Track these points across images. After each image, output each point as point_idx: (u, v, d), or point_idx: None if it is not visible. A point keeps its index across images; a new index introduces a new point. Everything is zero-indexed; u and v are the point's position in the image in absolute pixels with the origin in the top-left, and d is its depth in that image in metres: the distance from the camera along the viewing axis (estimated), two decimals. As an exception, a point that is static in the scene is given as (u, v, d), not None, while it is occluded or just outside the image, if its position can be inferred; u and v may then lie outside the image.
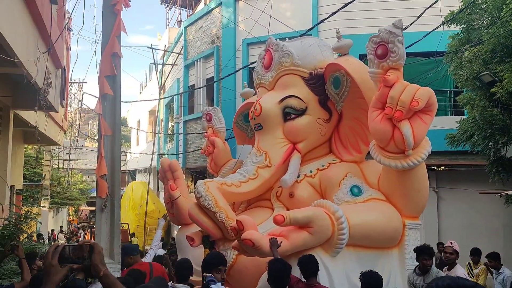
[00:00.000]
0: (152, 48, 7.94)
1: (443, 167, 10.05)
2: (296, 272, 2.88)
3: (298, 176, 3.93)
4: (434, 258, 3.80)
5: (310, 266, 2.83)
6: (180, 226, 5.02)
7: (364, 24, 9.98)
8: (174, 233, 17.56)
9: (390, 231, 3.37)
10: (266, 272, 2.81)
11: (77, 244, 1.44)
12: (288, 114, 4.03)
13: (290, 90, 4.02)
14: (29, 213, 8.02)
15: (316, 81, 4.00)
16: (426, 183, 3.43)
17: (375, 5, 9.93)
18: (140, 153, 20.23)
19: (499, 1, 7.42)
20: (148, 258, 4.88)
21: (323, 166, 3.95)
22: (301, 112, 4.01)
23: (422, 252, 3.42)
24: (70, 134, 18.35)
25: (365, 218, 3.25)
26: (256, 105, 4.18)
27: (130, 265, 3.79)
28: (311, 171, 3.95)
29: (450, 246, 4.22)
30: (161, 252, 7.39)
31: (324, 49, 4.17)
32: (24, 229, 9.02)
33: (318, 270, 2.86)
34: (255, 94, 4.99)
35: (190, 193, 5.02)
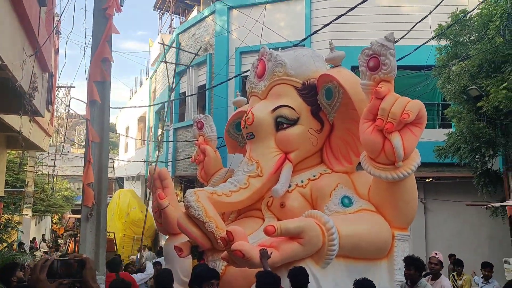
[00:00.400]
0: (163, 45, 7.84)
1: (430, 179, 10.16)
2: (285, 283, 2.85)
3: (290, 186, 3.92)
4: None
5: (300, 278, 2.80)
6: (168, 236, 4.95)
7: (356, 36, 10.10)
8: (162, 242, 17.36)
9: (380, 243, 3.38)
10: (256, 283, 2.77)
11: (67, 258, 1.35)
12: (281, 123, 4.03)
13: (283, 100, 4.02)
14: (9, 221, 7.78)
15: (309, 91, 4.01)
16: (415, 194, 3.45)
17: (367, 18, 10.08)
18: (129, 160, 20.04)
19: (485, 18, 7.60)
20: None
21: (314, 176, 3.95)
22: (294, 122, 4.01)
23: (408, 263, 3.41)
24: (56, 139, 18.09)
25: (355, 229, 3.25)
26: (248, 114, 4.17)
27: None
28: (302, 181, 3.95)
29: (435, 257, 4.26)
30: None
31: (317, 60, 4.20)
32: (4, 238, 8.81)
33: (308, 282, 2.83)
34: (248, 102, 4.99)
35: (179, 202, 4.96)
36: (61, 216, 23.14)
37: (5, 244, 8.53)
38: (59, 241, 18.98)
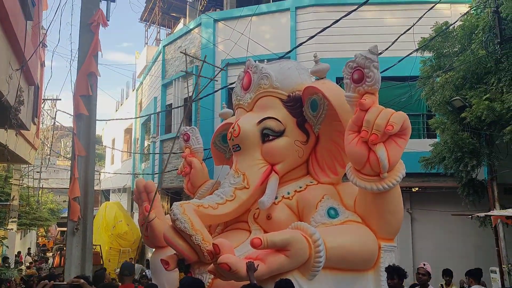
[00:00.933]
0: (185, 54, 7.80)
1: (416, 189, 10.25)
2: (272, 296, 2.84)
3: (276, 198, 3.92)
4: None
5: None
6: (154, 249, 4.89)
7: (340, 48, 10.24)
8: (148, 255, 17.10)
9: (366, 254, 3.39)
10: None
11: (65, 284, 1.37)
12: (267, 135, 4.05)
13: (269, 112, 4.05)
14: None
15: (294, 103, 4.05)
16: (400, 205, 3.48)
17: (351, 30, 10.24)
18: (115, 173, 19.83)
19: (468, 29, 7.79)
20: None
21: (300, 187, 3.96)
22: (279, 134, 4.03)
23: (390, 272, 3.42)
24: (42, 152, 17.83)
25: (342, 241, 3.26)
26: (234, 126, 4.18)
27: None
28: (288, 193, 3.95)
29: (423, 267, 4.28)
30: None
31: (302, 72, 4.24)
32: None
33: None
34: (234, 114, 5.00)
35: (165, 214, 4.91)
36: (46, 229, 22.69)
37: None
38: (47, 254, 18.56)
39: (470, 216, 7.90)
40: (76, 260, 3.73)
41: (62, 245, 17.40)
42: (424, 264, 4.31)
